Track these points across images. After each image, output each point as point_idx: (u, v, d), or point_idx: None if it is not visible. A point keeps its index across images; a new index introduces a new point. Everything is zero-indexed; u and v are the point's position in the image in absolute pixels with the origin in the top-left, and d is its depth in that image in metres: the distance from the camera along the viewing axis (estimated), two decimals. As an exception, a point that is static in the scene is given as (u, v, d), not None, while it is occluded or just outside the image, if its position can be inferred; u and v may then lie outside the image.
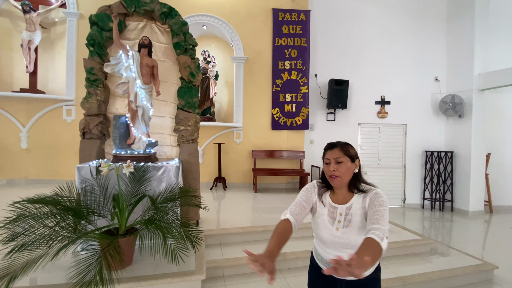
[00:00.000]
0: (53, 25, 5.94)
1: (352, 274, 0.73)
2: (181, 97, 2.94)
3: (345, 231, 1.13)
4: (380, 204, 1.07)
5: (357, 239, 1.11)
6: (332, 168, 1.14)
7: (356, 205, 1.15)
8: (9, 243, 1.62)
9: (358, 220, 1.13)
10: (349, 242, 1.13)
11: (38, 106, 5.44)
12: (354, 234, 1.12)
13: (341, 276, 0.74)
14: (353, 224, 1.13)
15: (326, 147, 1.22)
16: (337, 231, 1.15)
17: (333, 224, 1.16)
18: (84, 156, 2.65)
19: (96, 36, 2.69)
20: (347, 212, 1.15)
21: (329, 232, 1.16)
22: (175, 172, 2.45)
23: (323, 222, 1.19)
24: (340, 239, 1.14)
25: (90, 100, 2.69)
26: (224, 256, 2.54)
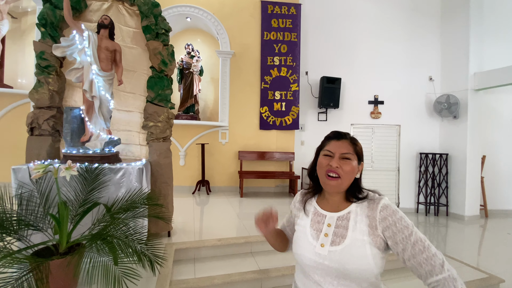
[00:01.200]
0: (24, 15, 5.46)
1: None
2: (150, 88, 2.55)
3: (333, 251, 0.78)
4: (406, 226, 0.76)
5: (350, 266, 0.75)
6: (335, 164, 0.82)
7: (357, 218, 0.80)
8: None
9: (357, 238, 0.77)
10: (339, 268, 0.76)
11: (4, 102, 4.94)
12: (347, 257, 0.76)
13: None
14: (348, 242, 0.77)
15: (331, 135, 0.91)
16: (322, 248, 0.79)
17: (318, 238, 0.82)
18: (31, 156, 2.24)
19: (48, 15, 2.28)
20: (338, 224, 0.81)
21: (311, 250, 0.81)
22: (137, 175, 2.06)
23: (304, 235, 0.85)
24: (326, 260, 0.78)
25: (41, 90, 2.28)
26: (196, 274, 2.15)
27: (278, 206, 4.27)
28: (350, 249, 0.76)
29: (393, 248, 0.77)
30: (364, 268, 0.75)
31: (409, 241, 0.74)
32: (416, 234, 0.75)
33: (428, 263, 0.72)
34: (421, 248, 0.73)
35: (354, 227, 0.80)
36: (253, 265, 2.35)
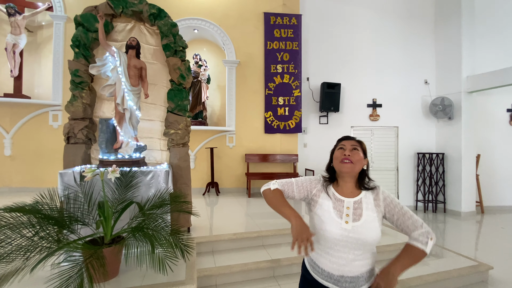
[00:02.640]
0: (40, 28, 5.80)
1: None
2: (171, 99, 2.85)
3: (356, 225, 1.06)
4: (397, 202, 1.13)
5: (368, 235, 1.05)
6: (347, 153, 1.13)
7: (367, 200, 1.11)
8: (-20, 256, 1.49)
9: (371, 211, 1.09)
10: (360, 238, 1.05)
11: (23, 112, 5.26)
12: (366, 229, 1.06)
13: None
14: (365, 218, 1.07)
15: (342, 138, 1.22)
16: (347, 224, 1.07)
17: (341, 217, 1.09)
18: (68, 162, 2.53)
19: (81, 37, 2.60)
20: (355, 206, 1.10)
21: (338, 226, 1.08)
22: (164, 177, 2.36)
23: (329, 214, 1.11)
24: (350, 233, 1.06)
25: (75, 103, 2.58)
26: (216, 264, 2.44)
27: (284, 205, 4.55)
28: (367, 223, 1.07)
29: (390, 218, 1.12)
30: (375, 237, 1.06)
31: (401, 213, 1.10)
32: (404, 208, 1.12)
33: (413, 224, 1.08)
34: (408, 216, 1.10)
35: (366, 208, 1.09)
36: (265, 256, 2.64)
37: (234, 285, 2.33)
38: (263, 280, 2.43)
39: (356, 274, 1.08)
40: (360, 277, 1.09)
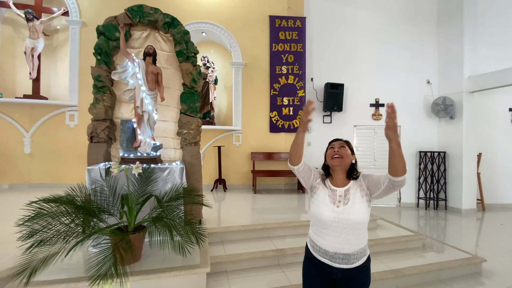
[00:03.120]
0: (55, 32, 6.10)
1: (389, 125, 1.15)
2: (183, 102, 3.09)
3: (345, 208, 1.29)
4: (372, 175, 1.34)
5: (355, 215, 1.27)
6: (336, 149, 1.37)
7: (355, 187, 1.33)
8: (28, 239, 1.75)
9: (358, 196, 1.30)
10: (349, 218, 1.28)
11: (41, 112, 5.56)
12: (353, 210, 1.28)
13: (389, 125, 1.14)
14: (353, 201, 1.30)
15: (332, 140, 1.46)
16: (338, 208, 1.30)
17: (334, 203, 1.33)
18: (92, 159, 2.79)
19: (103, 46, 2.85)
20: (345, 194, 1.33)
21: (330, 209, 1.31)
22: (179, 173, 2.60)
23: (324, 201, 1.35)
24: (341, 214, 1.29)
25: (98, 105, 2.84)
26: (226, 252, 2.67)
27: (288, 201, 4.77)
28: (354, 205, 1.29)
29: (372, 188, 1.30)
30: (361, 216, 1.28)
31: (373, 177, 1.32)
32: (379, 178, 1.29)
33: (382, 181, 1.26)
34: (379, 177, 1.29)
35: (354, 193, 1.32)
36: (271, 246, 2.86)
37: (243, 271, 2.56)
38: (269, 267, 2.66)
39: (348, 252, 1.30)
40: (351, 254, 1.30)
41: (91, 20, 5.69)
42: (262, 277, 2.47)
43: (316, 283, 1.39)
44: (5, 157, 5.40)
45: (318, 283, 1.38)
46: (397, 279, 2.63)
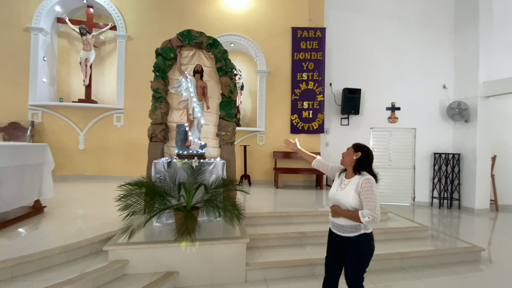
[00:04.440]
0: (102, 44, 7.03)
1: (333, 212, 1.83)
2: (222, 109, 3.75)
3: (339, 192, 1.86)
4: (367, 191, 1.75)
5: (342, 198, 1.82)
6: (342, 154, 1.96)
7: (353, 181, 1.86)
8: (124, 210, 2.46)
9: (351, 188, 1.82)
10: (338, 199, 1.85)
11: (93, 114, 6.49)
12: (342, 195, 1.84)
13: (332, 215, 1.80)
14: (346, 189, 1.84)
15: None
16: (336, 191, 1.88)
17: (337, 189, 1.90)
18: (151, 155, 3.51)
19: (161, 64, 3.56)
20: (346, 183, 1.88)
21: (333, 192, 1.91)
22: (222, 167, 3.25)
23: (334, 185, 1.96)
24: (336, 196, 1.88)
25: (156, 112, 3.56)
26: (258, 232, 3.30)
27: (307, 195, 5.31)
28: (345, 192, 1.83)
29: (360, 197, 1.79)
30: (346, 200, 1.80)
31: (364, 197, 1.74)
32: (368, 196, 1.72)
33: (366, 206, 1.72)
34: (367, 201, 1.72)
35: (351, 184, 1.85)
36: (293, 230, 3.45)
37: (271, 248, 3.17)
38: (293, 246, 3.25)
39: (341, 223, 1.84)
40: (344, 226, 1.83)
41: (134, 34, 6.55)
42: (288, 252, 3.07)
43: (330, 243, 2.00)
44: (64, 152, 6.37)
45: (331, 243, 1.99)
46: (402, 260, 3.12)
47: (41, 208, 3.55)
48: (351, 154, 1.89)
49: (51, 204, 3.85)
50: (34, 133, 6.17)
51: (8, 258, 2.22)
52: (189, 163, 2.80)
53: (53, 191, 3.71)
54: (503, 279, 2.95)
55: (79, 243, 2.58)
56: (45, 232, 2.88)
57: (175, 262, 2.55)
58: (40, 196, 3.51)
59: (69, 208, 3.79)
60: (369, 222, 1.69)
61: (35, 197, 3.46)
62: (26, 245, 2.49)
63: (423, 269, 3.10)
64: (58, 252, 2.42)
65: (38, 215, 3.45)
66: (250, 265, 2.72)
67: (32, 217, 3.35)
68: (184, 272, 2.56)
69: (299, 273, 2.83)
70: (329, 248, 1.99)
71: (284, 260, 2.85)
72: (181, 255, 2.54)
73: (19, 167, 3.12)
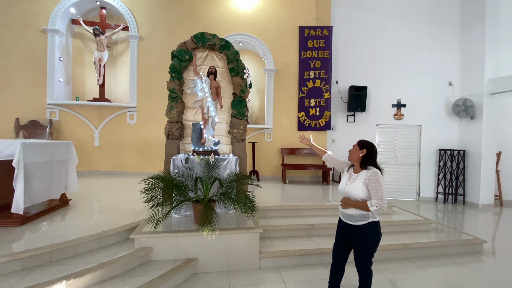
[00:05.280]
0: (115, 44, 7.25)
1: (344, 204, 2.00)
2: (234, 108, 3.94)
3: (349, 185, 2.04)
4: (375, 182, 1.95)
5: (351, 191, 2.00)
6: (349, 150, 2.12)
7: (362, 175, 2.04)
8: (148, 202, 2.69)
9: (358, 182, 2.01)
10: (348, 192, 2.03)
11: (107, 112, 6.75)
12: (352, 187, 2.02)
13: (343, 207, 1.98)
14: (355, 183, 2.02)
15: None
16: (346, 185, 2.06)
17: (347, 182, 2.08)
18: (168, 152, 3.74)
19: (176, 66, 3.77)
20: (355, 177, 2.06)
21: (343, 185, 2.09)
22: (235, 163, 3.46)
23: (343, 180, 2.13)
24: (346, 189, 2.05)
25: (172, 111, 3.77)
26: (268, 224, 3.51)
27: (313, 191, 5.49)
28: (354, 185, 2.01)
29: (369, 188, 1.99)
30: (356, 192, 1.99)
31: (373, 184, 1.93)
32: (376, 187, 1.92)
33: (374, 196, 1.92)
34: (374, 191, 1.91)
35: (360, 178, 2.04)
36: (303, 222, 3.65)
37: (282, 238, 3.38)
38: (302, 237, 3.45)
39: (351, 213, 2.03)
40: (354, 215, 2.03)
41: (146, 34, 6.75)
42: (297, 242, 3.27)
43: (339, 232, 2.18)
44: (80, 149, 6.64)
45: (340, 232, 2.17)
46: (406, 250, 3.30)
47: (67, 201, 3.82)
48: (357, 151, 2.06)
49: (75, 197, 4.12)
50: (52, 131, 6.47)
51: (47, 245, 2.47)
52: (206, 158, 3.01)
53: (77, 185, 3.97)
54: (504, 270, 3.11)
55: (107, 232, 2.82)
56: (75, 222, 3.14)
57: (195, 250, 2.78)
58: (66, 190, 3.78)
59: (91, 201, 4.05)
60: (376, 210, 1.88)
61: (62, 190, 3.72)
62: (60, 234, 2.75)
63: (426, 259, 3.28)
64: (90, 240, 2.67)
65: (65, 208, 3.72)
66: (263, 253, 2.93)
67: (59, 209, 3.62)
68: (202, 259, 2.78)
69: (308, 261, 3.03)
70: (338, 237, 2.19)
71: (295, 249, 3.05)
72: (200, 244, 2.77)
73: (48, 162, 3.38)
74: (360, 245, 2.02)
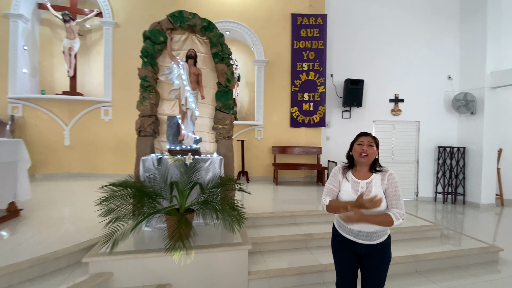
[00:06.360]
0: (88, 32, 6.53)
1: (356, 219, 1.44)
2: (218, 99, 3.39)
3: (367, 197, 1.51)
4: (396, 186, 1.52)
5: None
6: (365, 148, 1.57)
7: (376, 182, 1.55)
8: (106, 216, 2.11)
9: (376, 189, 1.53)
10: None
11: (78, 107, 6.04)
12: None
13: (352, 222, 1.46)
14: (375, 193, 1.52)
15: (360, 134, 1.65)
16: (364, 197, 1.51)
17: (356, 194, 1.55)
18: (140, 151, 3.15)
19: (149, 49, 3.17)
20: (367, 186, 1.55)
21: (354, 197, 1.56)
22: (219, 164, 2.91)
23: (348, 193, 1.57)
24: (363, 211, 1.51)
25: (144, 103, 3.18)
26: (259, 235, 2.99)
27: (308, 192, 5.02)
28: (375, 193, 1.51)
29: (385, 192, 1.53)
30: (382, 205, 1.50)
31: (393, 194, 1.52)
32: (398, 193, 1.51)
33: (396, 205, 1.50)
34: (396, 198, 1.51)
35: (375, 185, 1.54)
36: (298, 231, 3.15)
37: (275, 252, 2.88)
38: (299, 249, 2.96)
39: (371, 230, 1.55)
40: (374, 232, 1.55)
41: (123, 21, 6.07)
42: (293, 257, 2.78)
43: (345, 256, 1.65)
44: (48, 148, 5.93)
45: (347, 256, 1.64)
46: (417, 263, 2.87)
47: (17, 212, 3.17)
48: (374, 150, 1.58)
49: (29, 206, 3.46)
50: (15, 128, 5.70)
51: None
52: (182, 159, 2.46)
53: (30, 192, 3.31)
54: (526, 283, 2.73)
55: (54, 253, 2.22)
56: (18, 240, 2.52)
57: (168, 273, 2.23)
58: (15, 198, 3.13)
59: (49, 211, 3.41)
60: (401, 224, 1.50)
61: (9, 199, 3.06)
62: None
63: (439, 273, 2.85)
64: (29, 265, 2.07)
65: (14, 220, 3.07)
66: (253, 274, 2.41)
67: (5, 222, 2.97)
68: (177, 285, 2.24)
69: (306, 281, 2.54)
70: (342, 259, 1.67)
71: (290, 267, 2.55)
72: (174, 265, 2.22)
73: (-13, 166, 2.73)
74: (380, 266, 1.57)
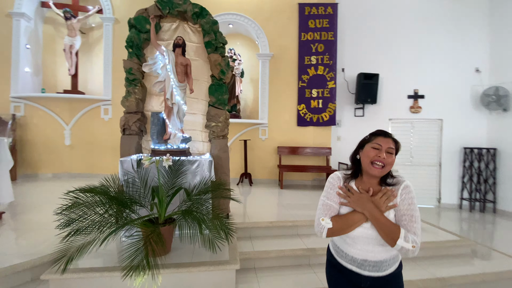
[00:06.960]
0: (91, 30, 6.38)
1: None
2: (212, 94, 3.03)
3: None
4: (411, 203, 1.09)
5: None
6: (383, 155, 1.09)
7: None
8: (65, 228, 1.80)
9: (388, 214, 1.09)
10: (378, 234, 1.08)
11: (79, 106, 5.89)
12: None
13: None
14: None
15: (378, 132, 1.17)
16: (366, 223, 1.09)
17: None
18: (124, 151, 2.85)
19: (134, 38, 2.86)
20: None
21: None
22: (208, 166, 2.55)
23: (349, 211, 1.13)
24: (369, 230, 1.09)
25: (130, 98, 2.87)
26: (254, 248, 2.59)
27: (315, 197, 4.56)
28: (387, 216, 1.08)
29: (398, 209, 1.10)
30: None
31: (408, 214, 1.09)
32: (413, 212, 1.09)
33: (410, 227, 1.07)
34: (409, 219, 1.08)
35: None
36: (300, 244, 2.73)
37: (272, 269, 2.47)
38: (299, 267, 2.54)
39: (380, 259, 1.11)
40: (383, 261, 1.12)
41: (124, 17, 5.85)
42: (292, 277, 2.36)
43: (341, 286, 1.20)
44: (48, 148, 5.81)
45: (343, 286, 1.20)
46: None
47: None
48: (394, 159, 1.12)
49: (14, 209, 3.25)
50: (16, 127, 5.62)
51: None
52: (159, 161, 2.11)
53: (13, 194, 3.10)
54: None
55: (14, 267, 1.94)
56: (-13, 248, 2.26)
57: (140, 295, 1.89)
58: (-6, 201, 2.92)
59: (34, 214, 3.17)
60: (408, 252, 1.02)
61: (-13, 202, 2.86)
62: None
63: (471, 301, 2.35)
64: (-18, 282, 1.79)
65: (-9, 224, 2.85)
66: (242, 298, 2.03)
67: (-19, 227, 2.75)
68: (151, 309, 1.89)
69: (307, 307, 2.12)
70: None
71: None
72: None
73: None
74: None
